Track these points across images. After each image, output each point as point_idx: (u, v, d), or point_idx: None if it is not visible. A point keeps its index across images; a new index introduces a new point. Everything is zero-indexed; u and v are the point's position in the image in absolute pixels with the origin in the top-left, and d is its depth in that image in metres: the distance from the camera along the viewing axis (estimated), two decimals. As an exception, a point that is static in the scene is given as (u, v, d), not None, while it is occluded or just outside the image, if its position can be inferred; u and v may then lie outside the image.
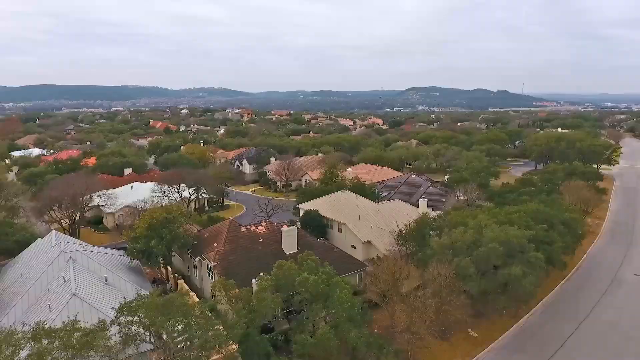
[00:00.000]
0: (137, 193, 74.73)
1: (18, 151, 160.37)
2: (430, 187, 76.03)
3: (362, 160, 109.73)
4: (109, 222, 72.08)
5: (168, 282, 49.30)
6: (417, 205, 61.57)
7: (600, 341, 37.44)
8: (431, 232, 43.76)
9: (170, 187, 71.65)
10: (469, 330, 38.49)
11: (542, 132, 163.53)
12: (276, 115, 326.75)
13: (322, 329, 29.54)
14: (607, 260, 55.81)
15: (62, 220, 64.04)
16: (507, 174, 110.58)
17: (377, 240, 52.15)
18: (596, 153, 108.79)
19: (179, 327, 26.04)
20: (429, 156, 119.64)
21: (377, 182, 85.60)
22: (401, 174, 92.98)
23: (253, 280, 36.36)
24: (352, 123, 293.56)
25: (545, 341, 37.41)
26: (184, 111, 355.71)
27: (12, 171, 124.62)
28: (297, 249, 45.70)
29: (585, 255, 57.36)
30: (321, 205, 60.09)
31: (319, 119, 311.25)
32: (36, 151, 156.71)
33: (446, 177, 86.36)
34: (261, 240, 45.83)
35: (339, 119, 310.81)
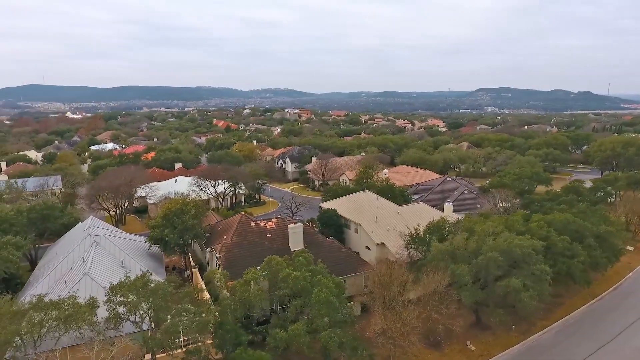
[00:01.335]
0: (179, 186, 79.81)
1: (95, 145, 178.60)
2: (465, 192, 72.46)
3: (404, 162, 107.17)
4: (151, 212, 77.80)
5: (187, 270, 52.28)
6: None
7: (620, 368, 33.61)
8: (433, 237, 41.84)
9: (207, 182, 75.55)
10: (468, 342, 36.43)
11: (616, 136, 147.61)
12: (333, 116, 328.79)
13: (295, 325, 29.81)
14: (656, 281, 49.55)
15: (109, 208, 70.52)
16: (566, 181, 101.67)
17: (390, 243, 50.96)
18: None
19: (151, 308, 27.83)
20: (478, 159, 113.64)
21: (412, 185, 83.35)
22: (438, 176, 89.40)
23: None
24: (410, 124, 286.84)
25: (552, 362, 34.35)
26: (246, 111, 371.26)
27: (86, 163, 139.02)
28: (304, 246, 46.28)
29: (630, 274, 51.38)
30: (341, 204, 59.95)
31: (376, 119, 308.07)
32: (109, 146, 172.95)
33: (487, 181, 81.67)
34: (269, 235, 46.96)
35: (397, 120, 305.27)
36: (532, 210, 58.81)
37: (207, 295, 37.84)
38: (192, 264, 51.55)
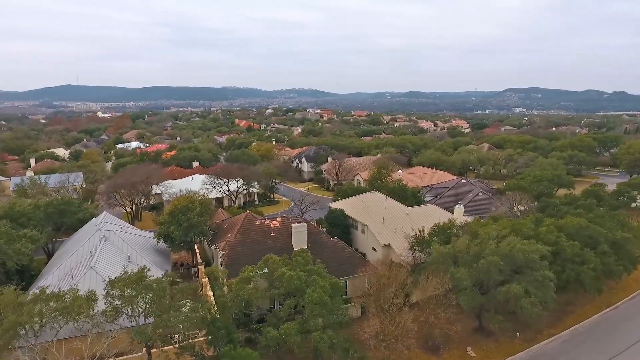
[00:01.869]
0: (193, 184, 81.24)
1: (121, 144, 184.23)
2: (480, 194, 70.70)
3: (420, 163, 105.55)
4: (166, 209, 79.41)
5: (194, 267, 53.09)
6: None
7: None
8: (434, 239, 40.90)
9: (220, 180, 76.57)
10: (468, 348, 35.43)
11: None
12: (354, 116, 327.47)
13: (286, 325, 29.74)
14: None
15: (125, 204, 72.47)
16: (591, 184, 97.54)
17: (396, 245, 50.27)
18: None
19: (146, 302, 28.34)
20: (499, 161, 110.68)
21: (427, 186, 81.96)
22: (454, 178, 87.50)
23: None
24: (433, 125, 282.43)
25: (556, 372, 33.00)
26: (268, 111, 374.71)
27: (110, 160, 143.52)
28: (308, 246, 46.20)
29: (652, 283, 48.79)
30: (349, 205, 59.55)
31: (398, 120, 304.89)
32: (134, 144, 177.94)
33: (504, 184, 79.41)
34: (272, 234, 47.10)
35: (419, 121, 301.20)
36: (548, 214, 56.86)
37: (209, 292, 38.34)
38: (199, 260, 52.33)
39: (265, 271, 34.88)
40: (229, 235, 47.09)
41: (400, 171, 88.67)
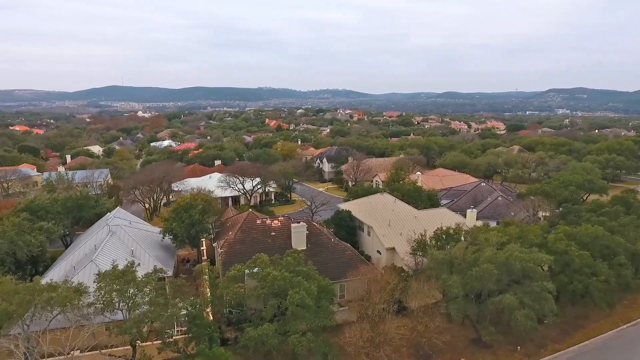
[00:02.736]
0: (211, 182, 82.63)
1: (155, 142, 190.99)
2: (499, 198, 67.50)
3: (443, 164, 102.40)
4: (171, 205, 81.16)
5: (199, 263, 53.78)
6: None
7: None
8: (431, 244, 39.20)
9: (235, 178, 77.42)
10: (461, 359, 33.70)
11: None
12: (385, 116, 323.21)
13: (265, 326, 29.34)
14: None
15: (144, 201, 74.70)
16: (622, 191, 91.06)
17: (401, 248, 48.75)
18: None
19: (128, 297, 28.79)
20: (528, 164, 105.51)
21: (446, 189, 79.37)
22: (476, 180, 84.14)
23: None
24: (466, 126, 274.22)
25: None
26: (299, 111, 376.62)
27: (142, 158, 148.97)
28: (307, 246, 45.72)
29: (681, 300, 44.64)
30: (357, 206, 58.49)
31: (429, 121, 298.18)
32: (165, 143, 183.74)
33: (525, 188, 75.55)
34: (273, 234, 46.90)
35: (452, 122, 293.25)
36: (569, 221, 53.48)
37: (207, 290, 38.65)
38: (204, 257, 52.99)
39: (255, 270, 34.66)
40: (230, 233, 47.34)
41: (419, 173, 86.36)
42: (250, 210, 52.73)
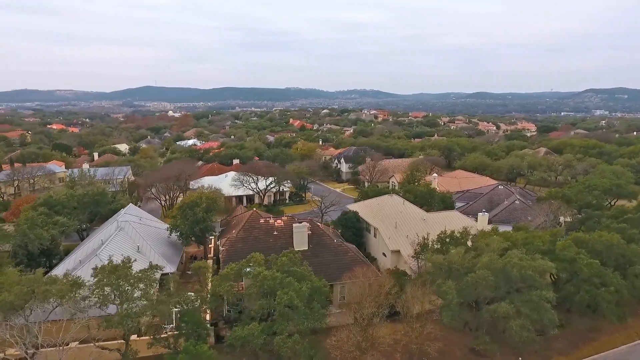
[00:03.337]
0: (227, 181, 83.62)
1: (180, 141, 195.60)
2: (516, 202, 64.96)
3: (463, 166, 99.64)
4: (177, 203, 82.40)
5: (206, 260, 54.39)
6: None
7: None
8: (427, 248, 37.94)
9: (248, 177, 78.01)
10: (457, 369, 32.47)
11: None
12: (410, 117, 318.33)
13: (252, 325, 29.19)
14: None
15: (160, 198, 76.41)
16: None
17: (406, 251, 47.67)
18: None
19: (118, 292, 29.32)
20: (554, 167, 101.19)
21: (462, 191, 77.15)
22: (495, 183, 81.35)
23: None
24: (494, 127, 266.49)
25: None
26: (324, 111, 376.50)
27: (166, 156, 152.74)
28: (309, 247, 45.39)
29: None
30: (365, 207, 57.67)
31: (456, 121, 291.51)
32: (190, 142, 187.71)
33: (545, 192, 72.39)
34: (275, 233, 46.81)
35: (480, 123, 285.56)
36: (588, 227, 50.83)
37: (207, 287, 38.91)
38: (211, 255, 53.57)
39: (248, 270, 34.61)
40: (233, 231, 47.61)
41: (435, 175, 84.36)
42: (255, 209, 52.84)
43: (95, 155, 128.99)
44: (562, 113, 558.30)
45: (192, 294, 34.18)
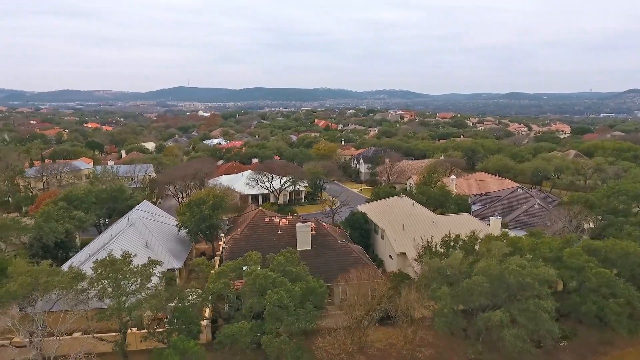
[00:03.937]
0: (243, 179, 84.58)
1: (207, 140, 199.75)
2: (536, 206, 62.38)
3: (485, 168, 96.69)
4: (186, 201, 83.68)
5: (214, 257, 55.13)
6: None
7: None
8: (426, 251, 36.81)
9: (262, 177, 78.57)
10: (453, 377, 31.38)
11: None
12: (437, 118, 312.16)
13: (240, 324, 29.24)
14: None
15: (176, 195, 78.09)
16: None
17: (411, 254, 46.56)
18: None
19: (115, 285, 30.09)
20: (583, 170, 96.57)
21: (480, 194, 74.84)
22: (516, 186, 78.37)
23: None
24: (526, 129, 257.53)
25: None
26: (349, 111, 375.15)
27: (190, 154, 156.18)
28: (312, 246, 45.20)
29: None
30: (374, 208, 56.88)
31: (485, 122, 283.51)
32: (215, 141, 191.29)
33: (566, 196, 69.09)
34: (279, 232, 46.86)
35: (511, 124, 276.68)
36: (609, 234, 48.22)
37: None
38: (219, 252, 54.19)
39: (244, 268, 34.77)
40: (238, 230, 48.00)
41: (453, 177, 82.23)
42: (261, 208, 53.08)
43: (123, 153, 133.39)
44: (602, 114, 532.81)
45: (190, 290, 34.76)
